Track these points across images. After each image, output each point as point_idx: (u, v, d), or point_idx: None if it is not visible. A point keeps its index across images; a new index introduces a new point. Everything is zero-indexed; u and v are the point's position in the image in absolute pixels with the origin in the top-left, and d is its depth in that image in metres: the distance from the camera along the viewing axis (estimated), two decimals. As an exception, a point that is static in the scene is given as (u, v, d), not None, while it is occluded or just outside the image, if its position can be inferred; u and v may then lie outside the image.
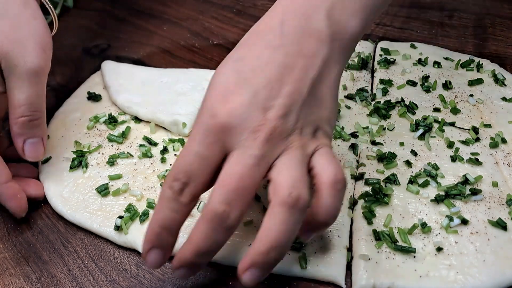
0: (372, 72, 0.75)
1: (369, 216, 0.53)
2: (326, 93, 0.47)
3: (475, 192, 0.54)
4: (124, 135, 0.65)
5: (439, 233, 0.51)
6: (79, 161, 0.61)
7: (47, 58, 0.57)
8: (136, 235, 0.53)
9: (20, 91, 0.54)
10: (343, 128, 0.63)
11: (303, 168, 0.43)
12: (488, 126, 0.63)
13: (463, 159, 0.59)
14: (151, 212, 0.55)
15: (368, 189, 0.56)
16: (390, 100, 0.67)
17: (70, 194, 0.58)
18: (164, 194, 0.45)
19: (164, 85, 0.71)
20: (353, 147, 0.61)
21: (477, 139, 0.61)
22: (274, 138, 0.43)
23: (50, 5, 0.63)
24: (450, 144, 0.60)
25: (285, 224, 0.41)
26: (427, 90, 0.69)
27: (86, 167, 0.60)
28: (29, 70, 0.54)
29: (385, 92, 0.69)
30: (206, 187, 0.45)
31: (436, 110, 0.66)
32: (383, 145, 0.62)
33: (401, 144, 0.61)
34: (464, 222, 0.52)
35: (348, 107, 0.67)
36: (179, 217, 0.45)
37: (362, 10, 0.49)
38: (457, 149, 0.60)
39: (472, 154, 0.59)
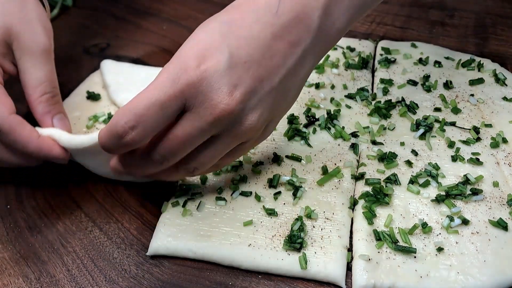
0: (373, 71, 0.75)
1: (369, 216, 0.53)
2: (294, 85, 0.48)
3: (475, 192, 0.54)
4: (123, 134, 0.64)
5: (440, 233, 0.51)
6: None
7: (51, 38, 0.59)
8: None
9: (37, 70, 0.55)
10: (343, 127, 0.63)
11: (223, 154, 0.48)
12: (489, 126, 0.63)
13: (463, 159, 0.58)
14: None
15: (369, 189, 0.56)
16: (391, 99, 0.67)
17: None
18: (111, 127, 0.44)
19: None
20: (354, 147, 0.61)
21: (478, 139, 0.61)
22: (227, 119, 0.44)
23: None
24: (451, 144, 0.60)
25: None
26: (428, 89, 0.69)
27: None
28: (42, 49, 0.56)
29: (385, 91, 0.69)
30: (153, 134, 0.45)
31: (437, 109, 0.66)
32: (383, 144, 0.61)
33: (402, 144, 0.61)
34: (465, 222, 0.52)
35: (349, 107, 0.67)
36: (121, 150, 0.47)
37: (352, 8, 0.49)
38: (457, 149, 0.60)
39: (473, 154, 0.59)
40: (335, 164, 0.59)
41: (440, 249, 0.49)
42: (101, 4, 1.02)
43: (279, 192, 0.56)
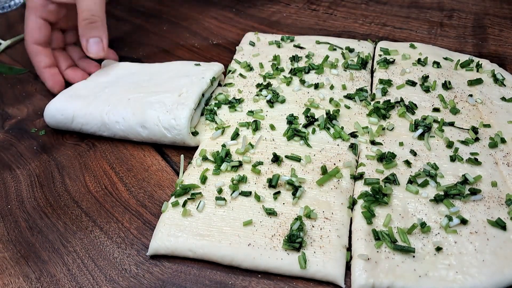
0: (372, 72, 0.75)
1: (368, 216, 0.53)
2: None
3: (474, 192, 0.54)
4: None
5: (439, 233, 0.51)
6: None
7: None
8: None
9: (80, 1, 0.70)
10: (342, 128, 0.63)
11: None
12: (488, 126, 0.63)
13: (462, 159, 0.59)
14: None
15: (368, 189, 0.56)
16: (390, 100, 0.68)
17: None
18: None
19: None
20: (353, 147, 0.61)
21: (477, 139, 0.61)
22: None
23: None
24: (449, 144, 0.60)
25: None
26: (427, 90, 0.69)
27: None
28: None
29: (384, 92, 0.69)
30: None
31: (436, 110, 0.66)
32: (382, 145, 0.62)
33: (401, 144, 0.61)
34: (464, 222, 0.52)
35: (348, 107, 0.67)
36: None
37: None
38: (456, 149, 0.60)
39: (472, 154, 0.59)
40: (334, 164, 0.59)
41: (438, 249, 0.50)
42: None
43: (279, 192, 0.56)
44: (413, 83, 0.70)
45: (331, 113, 0.65)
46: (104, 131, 0.66)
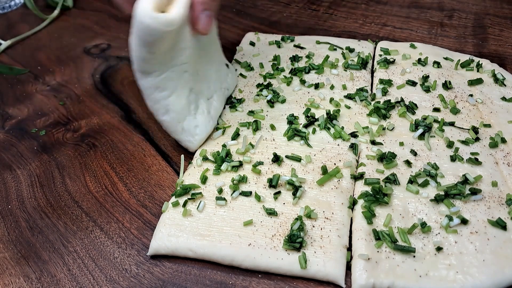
0: (372, 72, 0.75)
1: (368, 216, 0.53)
2: None
3: (474, 192, 0.54)
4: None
5: (439, 233, 0.51)
6: None
7: None
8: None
9: None
10: (343, 128, 0.63)
11: None
12: (488, 126, 0.63)
13: (462, 159, 0.59)
14: None
15: (368, 188, 0.56)
16: (390, 100, 0.68)
17: None
18: None
19: None
20: (353, 147, 0.61)
21: (477, 139, 0.61)
22: None
23: None
24: (449, 144, 0.60)
25: None
26: (427, 90, 0.69)
27: None
28: None
29: (384, 92, 0.69)
30: None
31: (436, 110, 0.66)
32: (383, 145, 0.62)
33: (401, 144, 0.61)
34: (464, 221, 0.52)
35: (348, 107, 0.67)
36: None
37: None
38: (456, 149, 0.60)
39: (472, 154, 0.59)
40: (335, 164, 0.59)
41: (439, 249, 0.50)
42: (101, 5, 1.02)
43: (279, 192, 0.56)
44: (413, 83, 0.70)
45: (332, 113, 0.65)
46: None
